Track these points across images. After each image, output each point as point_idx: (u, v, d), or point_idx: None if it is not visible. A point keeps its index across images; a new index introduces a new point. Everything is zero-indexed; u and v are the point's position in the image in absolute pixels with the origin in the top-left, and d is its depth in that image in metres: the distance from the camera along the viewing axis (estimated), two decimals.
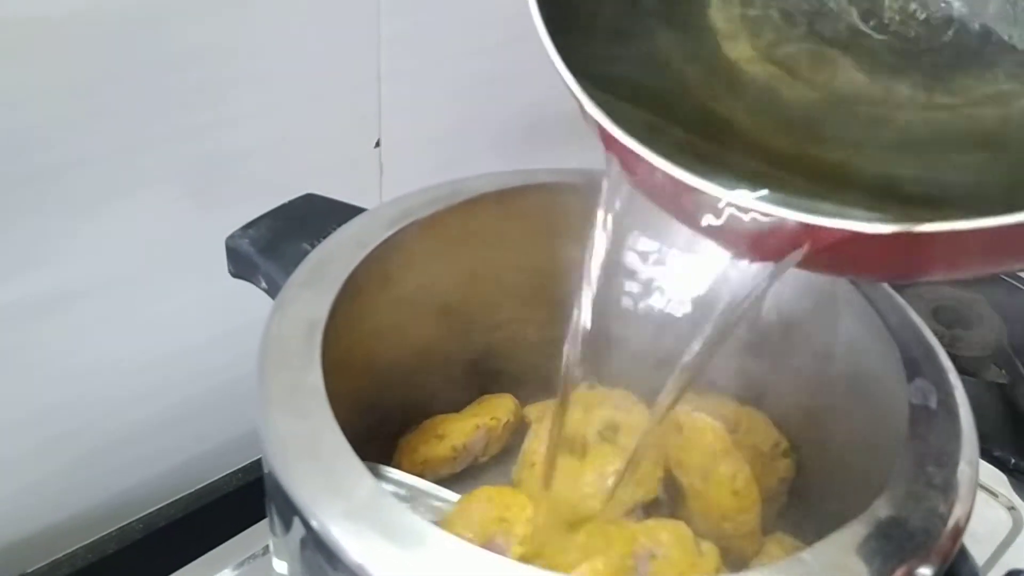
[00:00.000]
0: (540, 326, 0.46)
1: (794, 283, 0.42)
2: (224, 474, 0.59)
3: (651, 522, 0.38)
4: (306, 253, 0.40)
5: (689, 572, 0.35)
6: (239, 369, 0.58)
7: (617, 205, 0.33)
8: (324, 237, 0.41)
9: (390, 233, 0.38)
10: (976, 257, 0.25)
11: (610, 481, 0.39)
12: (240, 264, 0.41)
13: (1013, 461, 0.59)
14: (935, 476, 0.30)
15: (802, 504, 0.43)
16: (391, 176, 0.57)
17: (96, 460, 0.56)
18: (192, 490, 0.58)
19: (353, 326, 0.36)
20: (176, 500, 0.57)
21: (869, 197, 0.26)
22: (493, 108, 0.59)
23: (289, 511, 0.29)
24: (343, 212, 0.43)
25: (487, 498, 0.38)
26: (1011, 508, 0.56)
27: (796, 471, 0.44)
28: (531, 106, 0.60)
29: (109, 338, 0.52)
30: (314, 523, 0.28)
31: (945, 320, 0.69)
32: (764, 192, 0.25)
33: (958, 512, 0.29)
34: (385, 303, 0.39)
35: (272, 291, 0.40)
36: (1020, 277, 0.75)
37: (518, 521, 0.37)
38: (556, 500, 0.39)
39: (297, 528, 0.29)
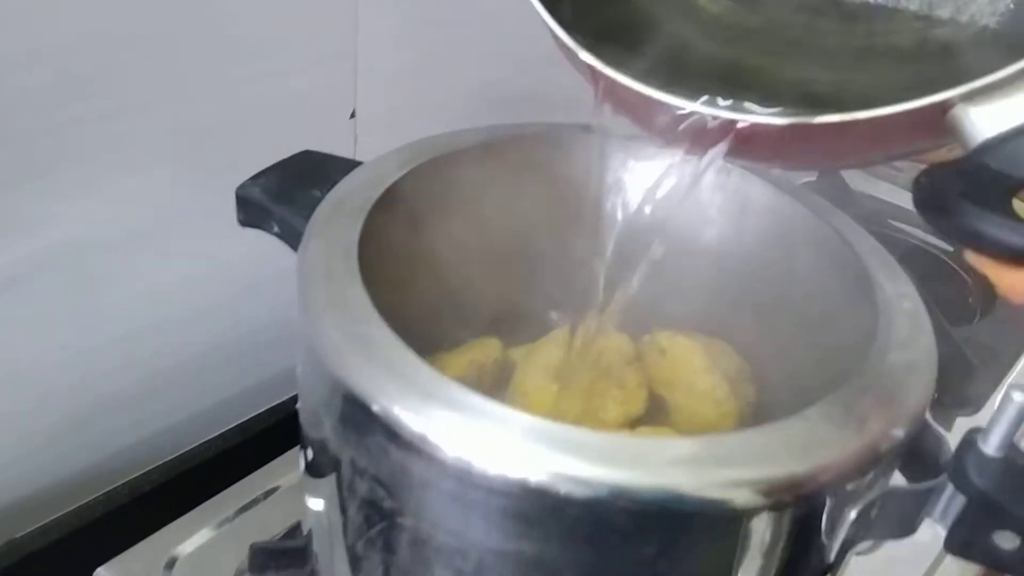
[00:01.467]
0: (530, 271, 0.50)
1: (752, 223, 0.47)
2: (202, 441, 0.61)
3: (642, 428, 0.42)
4: (315, 198, 0.42)
5: None
6: (227, 335, 0.61)
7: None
8: (329, 185, 0.44)
9: (402, 173, 0.41)
10: (866, 144, 0.33)
11: (601, 400, 0.43)
12: (251, 212, 0.44)
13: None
14: (903, 356, 0.35)
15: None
16: (365, 146, 0.61)
17: (87, 422, 0.57)
18: (174, 455, 0.59)
19: (374, 258, 0.39)
20: (159, 465, 0.59)
21: (784, 98, 0.33)
22: (465, 79, 0.63)
23: (352, 406, 0.32)
24: (342, 164, 0.46)
25: None
26: None
27: (761, 396, 0.49)
28: (500, 80, 0.64)
29: (96, 302, 0.54)
30: (376, 407, 0.31)
31: None
32: (704, 97, 0.33)
33: (925, 382, 0.34)
34: (400, 239, 0.42)
35: (286, 234, 0.43)
36: (937, 245, 0.82)
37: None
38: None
39: (356, 416, 0.32)
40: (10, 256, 0.48)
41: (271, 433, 0.62)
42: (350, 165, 0.46)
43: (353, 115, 0.59)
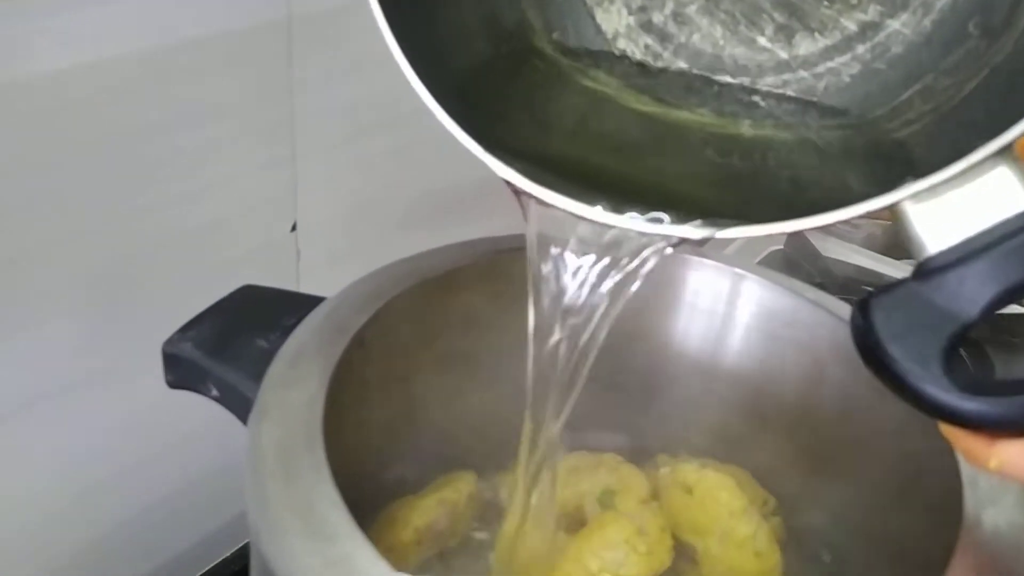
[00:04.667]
0: (508, 403, 0.43)
1: (771, 334, 0.41)
2: None
3: None
4: (262, 351, 0.36)
5: None
6: (167, 488, 0.52)
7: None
8: (277, 331, 0.37)
9: (365, 318, 0.34)
10: None
11: (621, 553, 0.36)
12: (182, 372, 0.36)
13: None
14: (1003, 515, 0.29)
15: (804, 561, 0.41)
16: (308, 260, 0.54)
17: None
18: None
19: (335, 422, 0.32)
20: None
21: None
22: (403, 182, 0.57)
23: None
24: (290, 301, 0.39)
25: None
26: None
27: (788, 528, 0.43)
28: (438, 179, 0.58)
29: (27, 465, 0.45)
30: None
31: None
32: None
33: None
34: (366, 387, 0.35)
35: (226, 398, 0.36)
36: None
37: None
38: None
39: None
40: None
41: None
42: (301, 301, 0.39)
43: (294, 228, 0.52)
